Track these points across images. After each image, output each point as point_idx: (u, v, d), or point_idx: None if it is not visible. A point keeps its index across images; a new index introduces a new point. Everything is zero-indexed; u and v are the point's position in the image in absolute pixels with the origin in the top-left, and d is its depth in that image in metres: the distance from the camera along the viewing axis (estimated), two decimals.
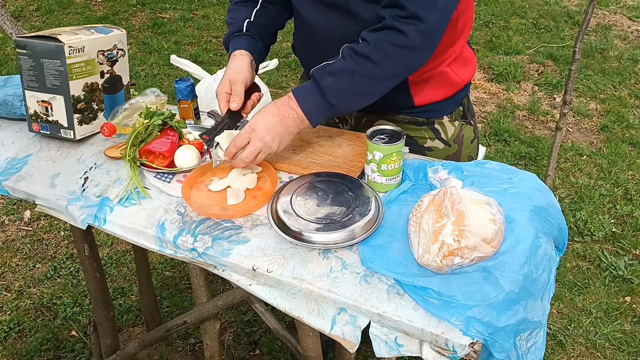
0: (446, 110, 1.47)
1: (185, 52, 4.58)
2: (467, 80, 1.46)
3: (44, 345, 2.21)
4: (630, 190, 3.01)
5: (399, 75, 1.24)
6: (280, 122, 1.23)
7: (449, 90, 1.43)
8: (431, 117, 1.45)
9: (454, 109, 1.48)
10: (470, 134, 1.51)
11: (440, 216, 1.02)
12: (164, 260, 2.59)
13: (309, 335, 1.29)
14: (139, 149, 1.36)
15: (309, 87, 1.23)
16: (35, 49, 1.38)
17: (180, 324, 1.52)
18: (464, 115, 1.50)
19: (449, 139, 1.47)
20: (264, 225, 1.18)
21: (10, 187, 1.40)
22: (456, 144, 1.49)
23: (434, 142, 1.46)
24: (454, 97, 1.45)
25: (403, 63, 1.20)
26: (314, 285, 1.04)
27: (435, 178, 1.17)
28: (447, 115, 1.47)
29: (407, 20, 1.14)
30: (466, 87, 1.48)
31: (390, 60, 1.18)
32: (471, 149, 1.53)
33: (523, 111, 3.80)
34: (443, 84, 1.41)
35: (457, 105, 1.48)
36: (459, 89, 1.45)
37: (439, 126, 1.46)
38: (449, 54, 1.38)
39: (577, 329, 2.25)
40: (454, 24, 1.32)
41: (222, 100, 1.38)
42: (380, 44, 1.17)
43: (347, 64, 1.20)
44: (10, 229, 2.82)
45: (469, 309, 0.94)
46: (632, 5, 5.34)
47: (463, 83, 1.45)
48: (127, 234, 1.23)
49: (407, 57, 1.19)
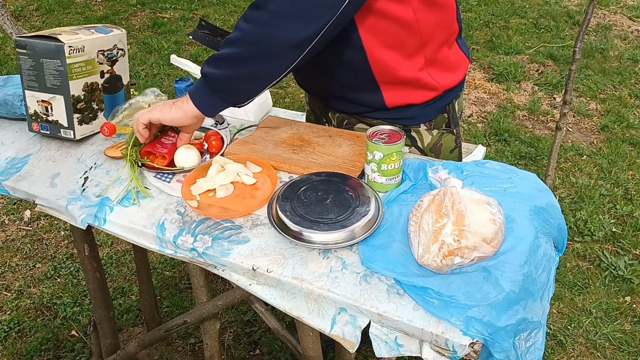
0: (424, 118, 1.43)
1: (185, 52, 4.58)
2: (448, 86, 1.40)
3: (44, 345, 2.21)
4: (630, 190, 3.01)
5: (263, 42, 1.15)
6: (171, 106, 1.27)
7: (423, 94, 1.38)
8: (408, 125, 1.43)
9: (433, 117, 1.44)
10: (450, 143, 1.48)
11: (440, 216, 1.02)
12: (164, 260, 2.59)
13: (309, 335, 1.30)
14: (140, 149, 1.36)
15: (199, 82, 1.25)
16: (35, 48, 1.38)
17: (180, 324, 1.52)
18: (447, 123, 1.46)
19: (425, 147, 1.45)
20: (264, 225, 1.18)
21: (10, 187, 1.40)
22: (432, 152, 1.46)
23: (411, 150, 1.45)
24: (433, 104, 1.41)
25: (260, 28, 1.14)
26: (314, 285, 1.04)
27: (435, 178, 1.17)
28: (424, 124, 1.44)
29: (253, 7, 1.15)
30: (447, 93, 1.42)
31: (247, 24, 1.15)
32: (451, 159, 1.48)
33: (523, 111, 3.80)
34: (415, 87, 1.37)
35: (438, 113, 1.44)
36: (437, 94, 1.40)
37: (415, 134, 1.44)
38: (416, 59, 1.33)
39: (577, 329, 2.25)
40: (414, 26, 1.27)
41: None
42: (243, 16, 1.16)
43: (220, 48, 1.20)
44: (10, 229, 2.82)
45: (469, 309, 0.94)
46: (632, 5, 5.34)
47: (442, 88, 1.39)
48: (127, 234, 1.23)
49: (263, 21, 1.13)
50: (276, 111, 1.67)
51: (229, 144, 1.46)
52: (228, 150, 1.42)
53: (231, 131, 1.55)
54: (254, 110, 1.61)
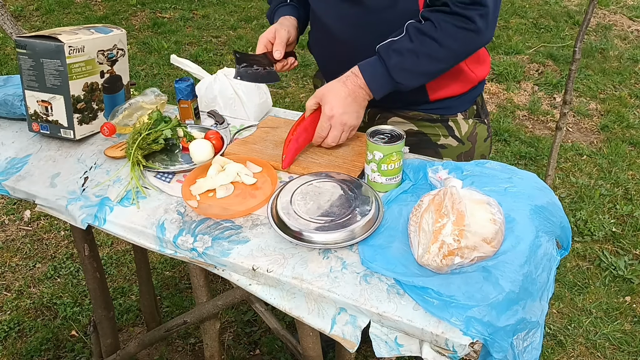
0: (460, 108, 1.47)
1: (185, 52, 4.58)
2: (482, 77, 1.47)
3: (44, 345, 2.21)
4: (630, 190, 3.01)
5: (460, 57, 1.29)
6: (353, 101, 1.31)
7: (463, 86, 1.44)
8: (445, 114, 1.46)
9: (468, 107, 1.48)
10: (483, 132, 1.51)
11: (440, 216, 1.02)
12: (164, 260, 2.59)
13: (309, 335, 1.29)
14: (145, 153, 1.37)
15: (375, 64, 1.29)
16: (35, 48, 1.38)
17: (180, 324, 1.52)
18: (477, 113, 1.50)
19: (462, 137, 1.47)
20: (264, 225, 1.18)
21: (10, 187, 1.40)
22: (469, 141, 1.48)
23: (448, 140, 1.46)
24: (468, 94, 1.46)
25: (465, 45, 1.26)
26: (314, 285, 1.04)
27: (435, 178, 1.17)
28: (461, 113, 1.47)
29: (470, 6, 1.19)
30: (480, 84, 1.49)
31: (454, 43, 1.23)
32: (484, 148, 1.53)
33: (523, 111, 3.80)
34: (458, 80, 1.42)
35: (471, 103, 1.49)
36: (473, 85, 1.46)
37: (452, 123, 1.46)
38: None
39: (577, 328, 2.25)
40: None
41: (261, 44, 1.45)
42: (445, 26, 1.21)
43: (412, 44, 1.24)
44: (10, 229, 2.82)
45: (469, 309, 0.93)
46: (632, 5, 5.34)
47: (477, 80, 1.46)
48: (127, 234, 1.23)
49: (470, 40, 1.24)
50: (276, 111, 1.67)
51: (229, 144, 1.46)
52: (228, 150, 1.42)
53: (231, 131, 1.55)
54: (254, 110, 1.61)
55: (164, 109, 1.62)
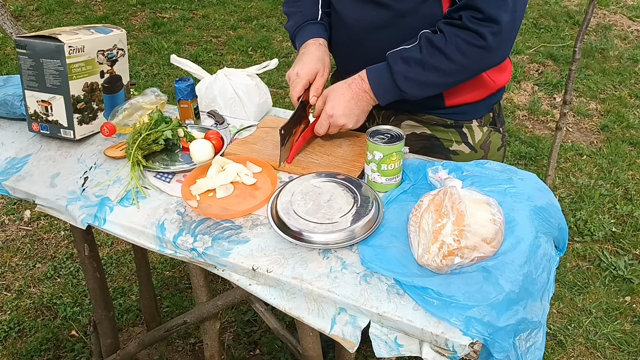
0: (476, 114, 1.44)
1: (185, 52, 4.58)
2: (501, 84, 1.45)
3: (44, 345, 2.21)
4: (630, 190, 3.01)
5: (471, 72, 1.28)
6: (355, 105, 1.31)
7: (480, 93, 1.41)
8: (460, 120, 1.43)
9: (484, 114, 1.45)
10: (497, 141, 1.48)
11: (440, 216, 1.02)
12: (164, 260, 2.59)
13: (309, 335, 1.29)
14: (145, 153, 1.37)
15: (382, 69, 1.28)
16: (35, 48, 1.38)
17: (180, 324, 1.52)
18: (493, 121, 1.48)
19: (475, 144, 1.45)
20: (264, 225, 1.18)
21: (10, 187, 1.40)
22: (482, 149, 1.46)
23: (460, 146, 1.44)
24: (485, 101, 1.44)
25: (475, 62, 1.24)
26: (313, 285, 1.04)
27: (435, 178, 1.17)
28: (476, 120, 1.44)
29: (484, 22, 1.17)
30: (499, 92, 1.46)
31: (463, 58, 1.22)
32: (497, 157, 1.49)
33: (523, 111, 3.80)
34: (476, 87, 1.39)
35: (487, 110, 1.46)
36: (491, 92, 1.43)
37: (466, 130, 1.44)
38: None
39: (577, 328, 2.25)
40: None
41: (298, 85, 1.40)
42: (456, 40, 1.20)
43: (420, 54, 1.24)
44: (10, 229, 2.82)
45: (469, 309, 0.93)
46: (632, 5, 5.34)
47: (496, 87, 1.43)
48: (127, 234, 1.23)
49: (479, 56, 1.22)
50: (276, 111, 1.67)
51: (229, 144, 1.46)
52: (228, 150, 1.42)
53: (231, 131, 1.55)
54: (254, 110, 1.61)
55: (164, 109, 1.62)
